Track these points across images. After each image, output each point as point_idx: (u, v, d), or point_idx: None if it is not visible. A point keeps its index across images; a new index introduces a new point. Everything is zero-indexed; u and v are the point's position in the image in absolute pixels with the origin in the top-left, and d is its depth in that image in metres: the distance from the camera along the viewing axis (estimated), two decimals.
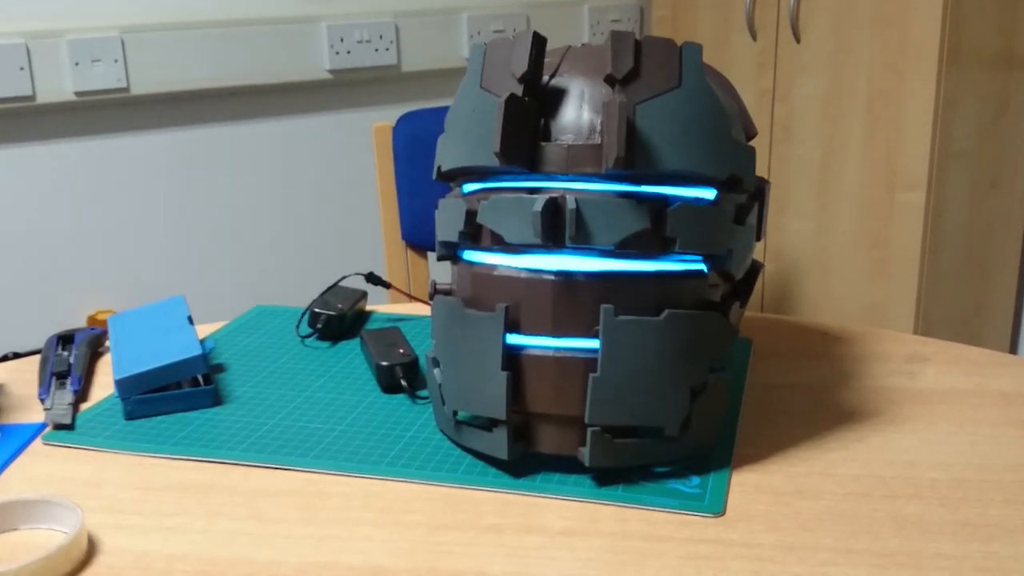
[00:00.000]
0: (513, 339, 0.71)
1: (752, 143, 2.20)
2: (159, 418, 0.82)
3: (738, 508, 0.68)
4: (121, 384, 0.81)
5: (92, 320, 1.97)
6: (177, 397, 0.82)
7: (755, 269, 0.80)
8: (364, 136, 2.20)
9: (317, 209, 2.17)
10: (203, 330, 1.03)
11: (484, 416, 0.71)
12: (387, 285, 1.01)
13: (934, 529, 0.65)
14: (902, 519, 0.66)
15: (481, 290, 0.72)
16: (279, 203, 2.13)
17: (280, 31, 2.03)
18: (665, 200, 0.69)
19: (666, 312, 0.68)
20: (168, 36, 1.93)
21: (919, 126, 1.90)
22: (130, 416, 0.82)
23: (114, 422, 0.81)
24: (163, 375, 0.82)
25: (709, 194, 0.71)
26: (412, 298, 1.03)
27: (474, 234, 0.72)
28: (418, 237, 1.58)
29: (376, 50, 2.12)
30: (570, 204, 0.67)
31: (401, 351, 0.87)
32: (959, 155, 1.95)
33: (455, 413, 0.74)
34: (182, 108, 2.00)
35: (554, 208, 0.68)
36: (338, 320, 0.97)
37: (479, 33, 2.23)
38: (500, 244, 0.71)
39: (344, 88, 2.15)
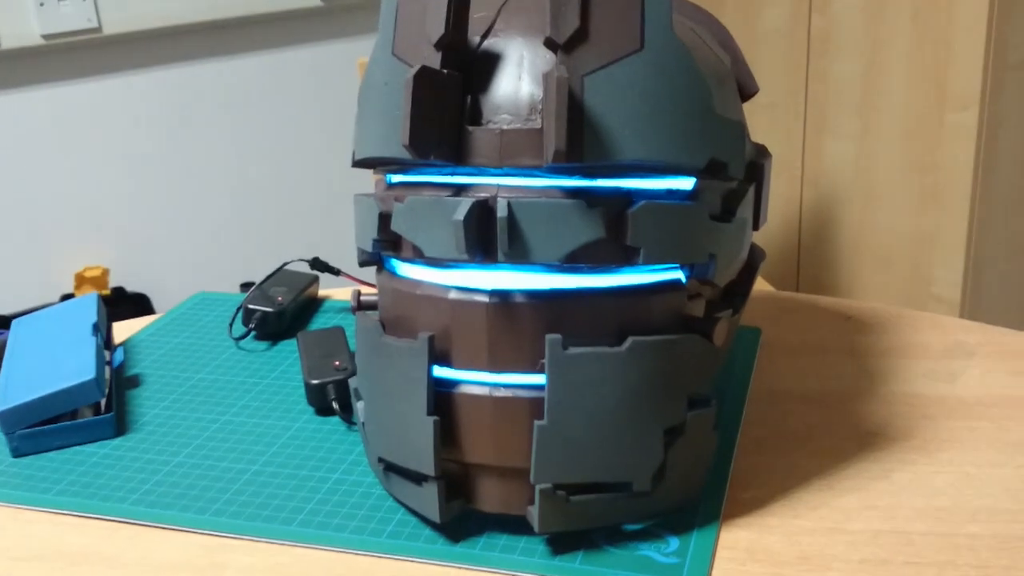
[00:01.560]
0: (442, 373, 0.57)
1: (784, 64, 2.01)
2: (51, 454, 0.70)
3: None
4: (3, 417, 0.69)
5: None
6: (72, 429, 0.70)
7: (753, 264, 0.65)
8: (347, 71, 2.04)
9: (309, 151, 2.02)
10: (139, 324, 0.90)
11: (411, 468, 0.58)
12: (336, 272, 0.87)
13: None
14: None
15: (403, 311, 0.58)
16: (270, 145, 1.98)
17: None
18: (627, 197, 0.54)
19: (629, 341, 0.54)
20: None
21: (972, 36, 1.70)
22: (17, 453, 0.70)
23: (0, 460, 0.69)
24: (51, 405, 0.69)
25: (686, 183, 0.56)
26: (363, 283, 0.89)
27: (393, 241, 0.58)
28: None
29: None
30: (500, 210, 0.52)
31: (337, 363, 0.74)
32: (1016, 67, 1.74)
33: (380, 458, 0.61)
34: (159, 47, 1.85)
35: (482, 214, 0.53)
36: (276, 317, 0.84)
37: None
38: (422, 255, 0.56)
39: (339, 16, 1.98)
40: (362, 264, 0.64)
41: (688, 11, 0.64)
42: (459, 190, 0.55)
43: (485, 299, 0.54)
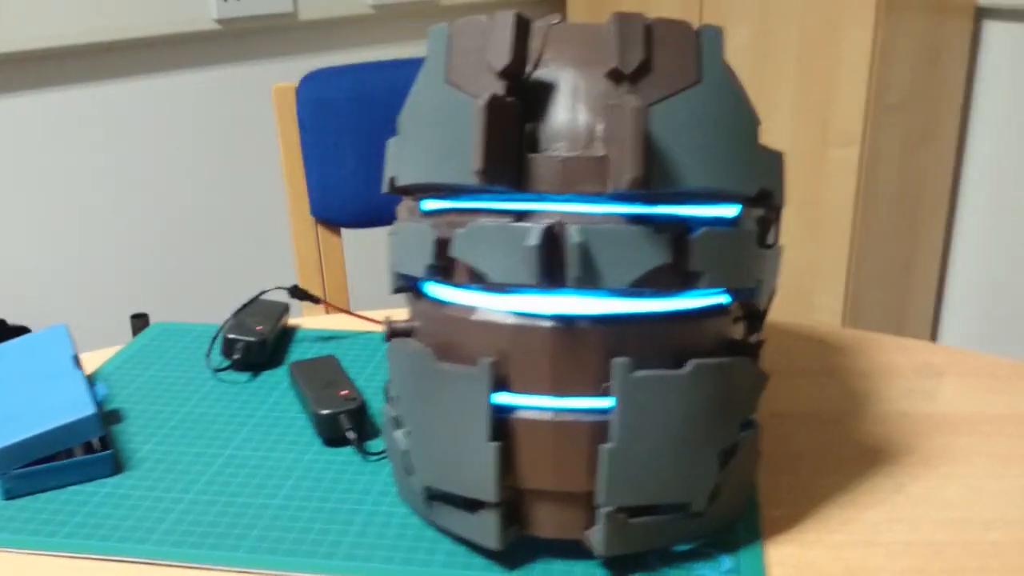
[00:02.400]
0: (501, 399, 0.57)
1: None
2: (47, 495, 0.66)
3: None
4: None
5: None
6: (68, 468, 0.66)
7: (772, 292, 0.68)
8: (262, 95, 2.00)
9: (210, 181, 1.97)
10: (90, 360, 0.86)
11: (467, 495, 0.57)
12: (316, 300, 0.86)
13: None
14: None
15: (457, 337, 0.58)
16: (167, 176, 1.92)
17: None
18: (685, 224, 0.56)
19: (692, 363, 0.55)
20: None
21: (854, 78, 1.81)
22: (10, 495, 0.65)
23: None
24: (49, 442, 0.65)
25: (731, 211, 0.58)
26: (347, 313, 0.87)
27: (446, 267, 0.58)
28: (329, 212, 1.41)
29: None
30: (573, 236, 0.53)
31: (343, 393, 0.72)
32: (893, 108, 1.86)
33: (426, 488, 0.60)
34: (51, 68, 1.76)
35: (552, 240, 0.54)
36: (259, 347, 0.81)
37: None
38: (481, 281, 0.56)
39: (235, 40, 1.94)
40: (396, 291, 0.63)
41: None
42: (520, 216, 0.55)
43: (549, 324, 0.55)
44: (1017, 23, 1.93)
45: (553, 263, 0.54)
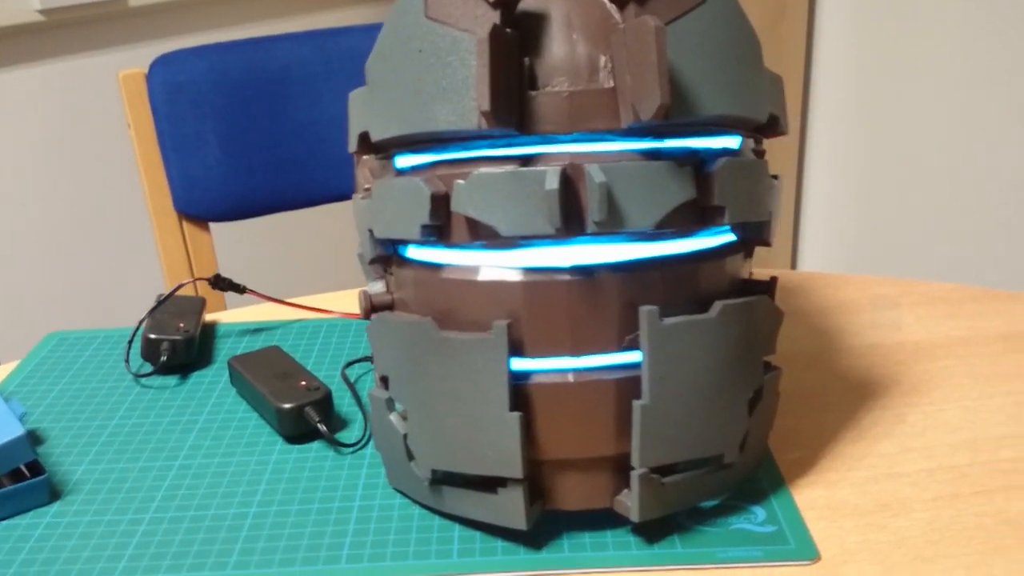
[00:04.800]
0: (517, 365, 0.51)
1: None
2: None
3: (830, 544, 0.53)
4: None
5: None
6: (1, 499, 0.57)
7: None
8: (104, 88, 1.84)
9: (55, 186, 1.80)
10: None
11: (485, 474, 0.52)
12: (241, 290, 0.77)
13: None
14: (1017, 523, 0.54)
15: (460, 303, 0.52)
16: (5, 182, 1.75)
17: None
18: (697, 156, 0.52)
19: (718, 305, 0.51)
20: None
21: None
22: None
23: None
24: None
25: (734, 142, 0.55)
26: (276, 300, 0.79)
27: (442, 226, 0.52)
28: (195, 206, 1.31)
29: None
30: (595, 176, 0.48)
31: (303, 383, 0.65)
32: None
33: (433, 471, 0.54)
34: None
35: (568, 183, 0.49)
36: (185, 345, 0.72)
37: None
38: (485, 237, 0.51)
39: (61, 31, 1.78)
40: (374, 261, 0.57)
41: None
42: (525, 161, 0.50)
43: (566, 277, 0.50)
44: None
45: (571, 209, 0.49)
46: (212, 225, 2.00)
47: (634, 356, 0.51)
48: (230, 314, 0.83)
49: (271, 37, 1.36)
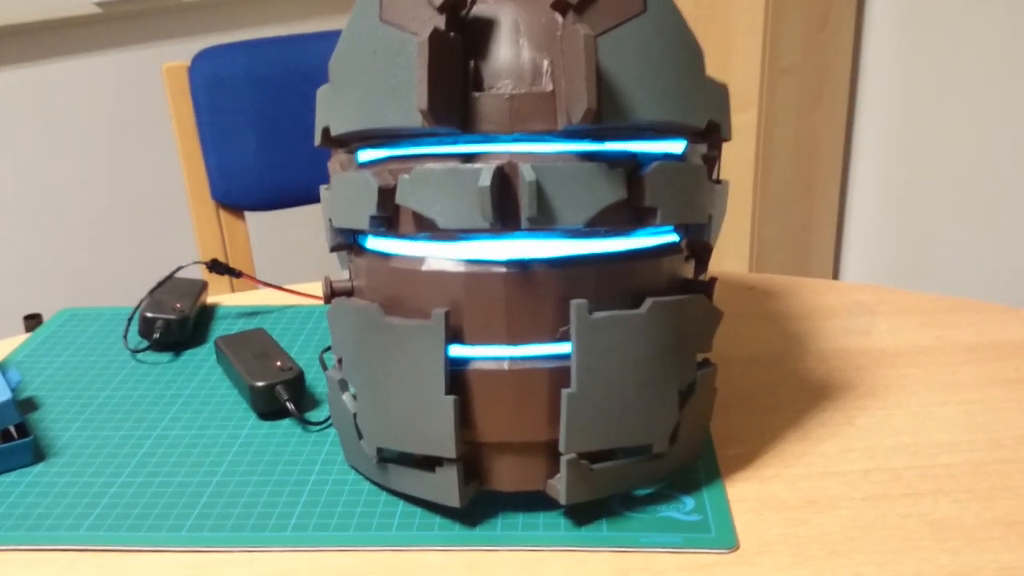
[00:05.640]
0: (456, 351, 0.54)
1: None
2: None
3: (750, 535, 0.55)
4: None
5: None
6: None
7: None
8: (151, 79, 1.91)
9: (102, 171, 1.88)
10: (2, 348, 0.80)
11: (423, 454, 0.55)
12: (236, 274, 0.82)
13: (981, 534, 0.54)
14: (938, 525, 0.55)
15: (405, 291, 0.55)
16: (55, 166, 1.82)
17: None
18: (635, 159, 0.54)
19: (649, 302, 0.54)
20: None
21: (749, 42, 1.83)
22: None
23: None
24: None
25: (677, 147, 0.57)
26: (266, 285, 0.84)
27: (390, 218, 0.55)
28: (232, 196, 1.36)
29: None
30: (527, 175, 0.51)
31: (278, 363, 0.69)
32: (787, 70, 1.90)
33: (379, 450, 0.57)
34: None
35: (503, 181, 0.52)
36: (179, 325, 0.77)
37: None
38: (429, 229, 0.54)
39: (119, 23, 1.85)
40: (334, 249, 0.60)
41: None
42: (467, 158, 0.53)
43: (502, 270, 0.53)
44: None
45: (506, 205, 0.52)
46: (248, 214, 2.06)
47: (567, 347, 0.54)
48: (231, 297, 0.87)
49: (307, 35, 1.41)
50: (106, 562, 0.54)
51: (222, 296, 0.87)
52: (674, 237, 0.58)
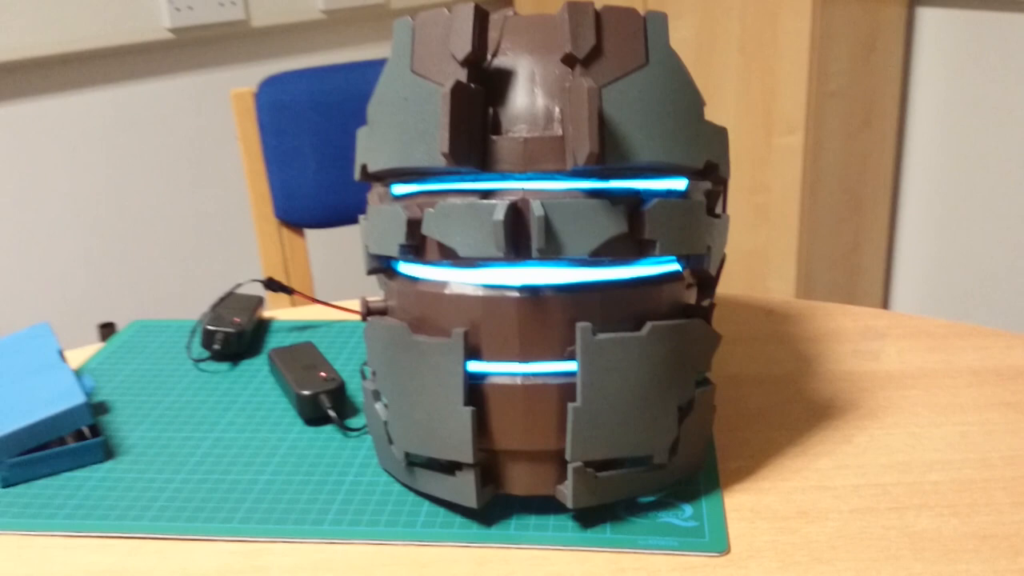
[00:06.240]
0: (474, 367, 0.61)
1: None
2: (42, 482, 0.68)
3: (742, 541, 0.60)
4: None
5: None
6: (61, 455, 0.69)
7: (721, 260, 0.72)
8: (219, 102, 2.02)
9: (171, 189, 1.99)
10: (72, 358, 0.89)
11: (445, 459, 0.61)
12: (289, 291, 0.89)
13: (954, 546, 0.59)
14: (917, 537, 0.60)
15: (431, 311, 0.62)
16: (126, 185, 1.94)
17: None
18: (638, 197, 0.60)
19: (649, 325, 0.60)
20: None
21: (795, 67, 1.87)
22: (7, 483, 0.68)
23: None
24: (42, 431, 0.68)
25: (680, 184, 0.63)
26: (317, 301, 0.91)
27: (418, 246, 0.62)
28: (293, 214, 1.44)
29: (221, 4, 1.94)
30: (536, 210, 0.57)
31: (323, 374, 0.76)
32: (834, 95, 1.93)
33: (407, 454, 0.64)
34: (3, 81, 1.78)
35: (516, 215, 0.58)
36: (237, 337, 0.84)
37: None
38: (451, 257, 0.60)
39: (189, 48, 1.96)
40: (370, 272, 0.67)
41: None
42: (486, 195, 0.59)
43: (516, 294, 0.59)
44: (950, 9, 2.01)
45: (518, 236, 0.58)
46: (307, 231, 2.15)
47: (574, 365, 0.60)
48: (285, 312, 0.95)
49: (363, 62, 1.49)
50: (165, 548, 0.61)
51: (277, 311, 0.95)
52: (676, 266, 0.63)
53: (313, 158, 1.46)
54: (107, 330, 1.93)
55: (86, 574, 0.59)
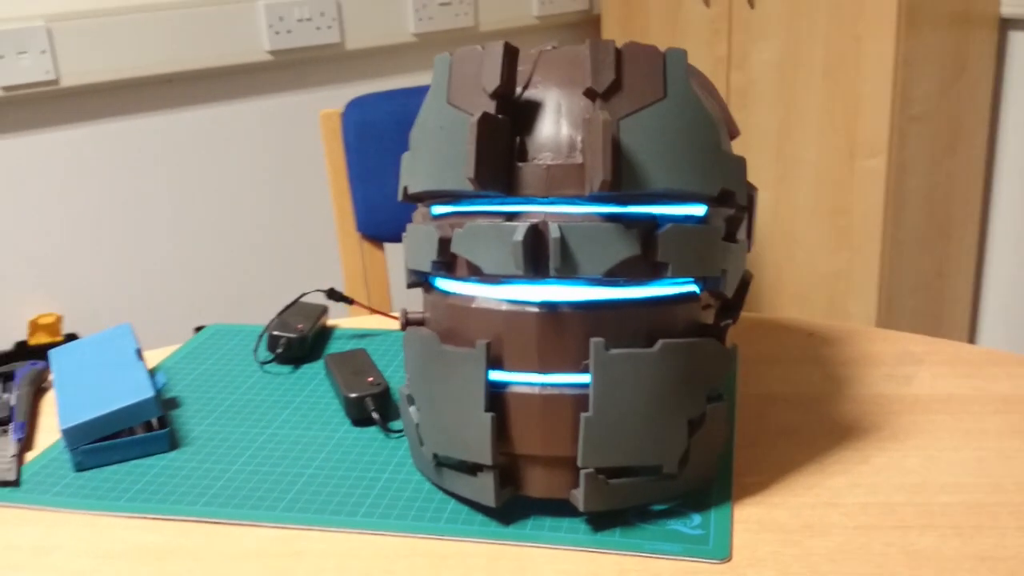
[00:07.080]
0: (496, 376, 0.65)
1: None
2: (112, 468, 0.76)
3: (745, 550, 0.63)
4: (68, 434, 0.74)
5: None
6: (130, 444, 0.76)
7: (745, 281, 0.75)
8: (311, 121, 2.12)
9: (263, 202, 2.09)
10: (154, 357, 0.96)
11: (468, 460, 0.66)
12: (349, 301, 0.95)
13: (952, 566, 0.61)
14: (917, 555, 0.62)
15: (458, 323, 0.66)
16: (223, 197, 2.04)
17: (215, 12, 1.93)
18: (654, 221, 0.64)
19: (660, 343, 0.63)
20: (97, 23, 1.82)
21: (878, 90, 1.86)
22: (80, 467, 0.75)
23: (63, 475, 0.75)
24: (114, 421, 0.75)
25: (699, 210, 0.66)
26: (375, 312, 0.97)
27: (448, 263, 0.67)
28: (373, 228, 1.51)
29: (318, 28, 2.04)
30: (553, 232, 0.61)
31: (370, 379, 0.81)
32: (918, 118, 1.92)
33: (435, 455, 0.69)
34: (115, 99, 1.90)
35: (536, 236, 0.62)
36: (299, 343, 0.91)
37: (424, 7, 2.15)
38: (478, 274, 0.65)
39: (287, 70, 2.06)
40: (410, 286, 0.72)
41: (690, 72, 0.75)
42: (511, 217, 0.64)
43: (535, 310, 0.63)
44: None
45: (537, 256, 0.62)
46: (387, 245, 2.23)
47: (588, 378, 0.64)
48: (346, 321, 1.01)
49: None
50: (212, 531, 0.68)
51: (339, 320, 1.01)
52: (693, 287, 0.67)
53: (394, 175, 1.53)
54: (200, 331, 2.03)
55: (139, 551, 0.66)
